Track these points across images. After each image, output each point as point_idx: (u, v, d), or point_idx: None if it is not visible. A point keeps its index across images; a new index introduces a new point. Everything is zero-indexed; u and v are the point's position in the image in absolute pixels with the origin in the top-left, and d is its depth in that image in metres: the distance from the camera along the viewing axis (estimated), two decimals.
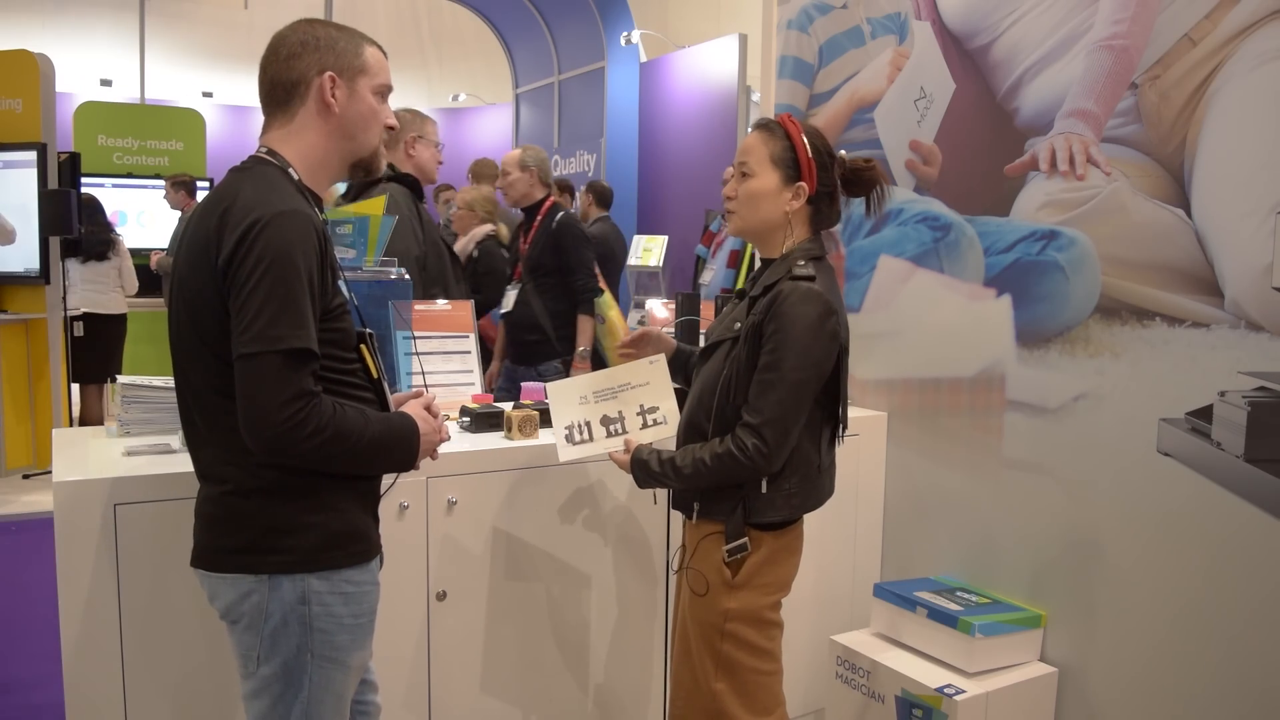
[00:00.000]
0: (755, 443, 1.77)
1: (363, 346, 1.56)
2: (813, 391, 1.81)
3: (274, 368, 1.37)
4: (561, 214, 3.92)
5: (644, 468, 1.92)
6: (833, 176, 1.91)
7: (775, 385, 1.77)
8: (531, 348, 3.91)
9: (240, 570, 1.48)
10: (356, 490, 1.55)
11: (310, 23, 1.57)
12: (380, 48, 1.63)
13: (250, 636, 1.50)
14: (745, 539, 1.85)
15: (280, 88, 1.55)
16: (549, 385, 2.12)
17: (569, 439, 2.07)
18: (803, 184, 1.87)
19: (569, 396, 2.09)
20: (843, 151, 1.94)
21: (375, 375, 1.57)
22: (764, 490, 1.83)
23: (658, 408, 2.05)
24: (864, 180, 1.93)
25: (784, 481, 1.84)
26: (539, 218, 3.92)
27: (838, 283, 1.94)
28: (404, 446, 1.56)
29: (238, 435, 1.41)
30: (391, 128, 1.64)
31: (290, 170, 1.53)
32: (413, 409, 1.61)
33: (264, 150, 1.55)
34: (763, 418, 1.77)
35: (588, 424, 2.07)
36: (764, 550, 1.87)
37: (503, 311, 4.04)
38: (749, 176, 1.90)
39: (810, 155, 1.87)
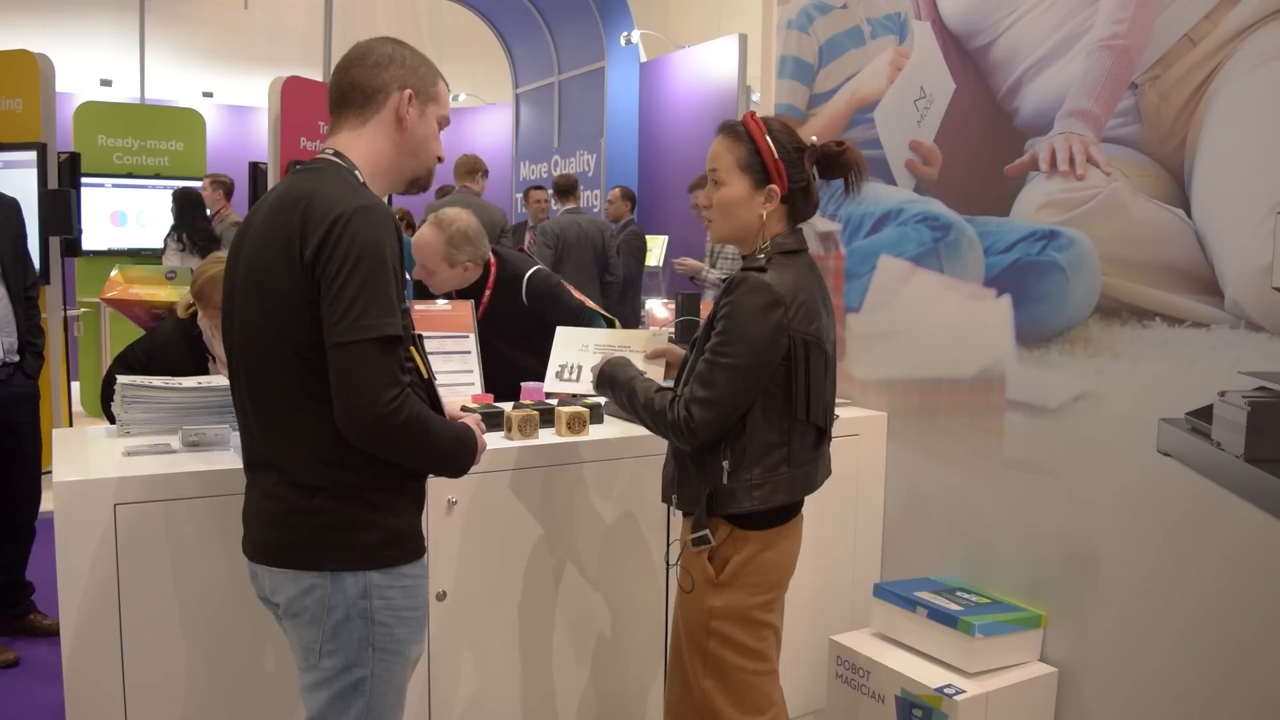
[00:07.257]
0: (684, 415, 1.80)
1: (412, 348, 1.60)
2: (754, 380, 1.80)
3: (369, 355, 1.43)
4: None
5: (611, 372, 1.99)
6: (804, 170, 1.87)
7: (713, 367, 1.79)
8: None
9: (304, 566, 1.52)
10: (410, 492, 1.62)
11: (396, 42, 1.66)
12: (445, 82, 1.72)
13: (313, 630, 1.54)
14: (706, 530, 1.85)
15: (360, 91, 1.61)
16: (560, 328, 2.36)
17: (558, 375, 2.36)
18: (773, 187, 1.85)
19: (573, 342, 2.37)
20: (814, 138, 1.91)
21: (426, 375, 1.61)
22: (725, 481, 1.84)
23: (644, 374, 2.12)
24: (840, 163, 1.89)
25: (744, 472, 1.83)
26: None
27: (821, 278, 1.93)
28: (467, 453, 1.63)
29: (305, 432, 1.49)
30: (440, 159, 1.71)
31: (356, 172, 1.59)
32: (471, 422, 1.69)
33: (331, 152, 1.61)
34: (696, 394, 1.80)
35: (579, 368, 2.31)
36: (749, 548, 1.86)
37: None
38: (720, 185, 1.88)
39: (777, 156, 1.84)
